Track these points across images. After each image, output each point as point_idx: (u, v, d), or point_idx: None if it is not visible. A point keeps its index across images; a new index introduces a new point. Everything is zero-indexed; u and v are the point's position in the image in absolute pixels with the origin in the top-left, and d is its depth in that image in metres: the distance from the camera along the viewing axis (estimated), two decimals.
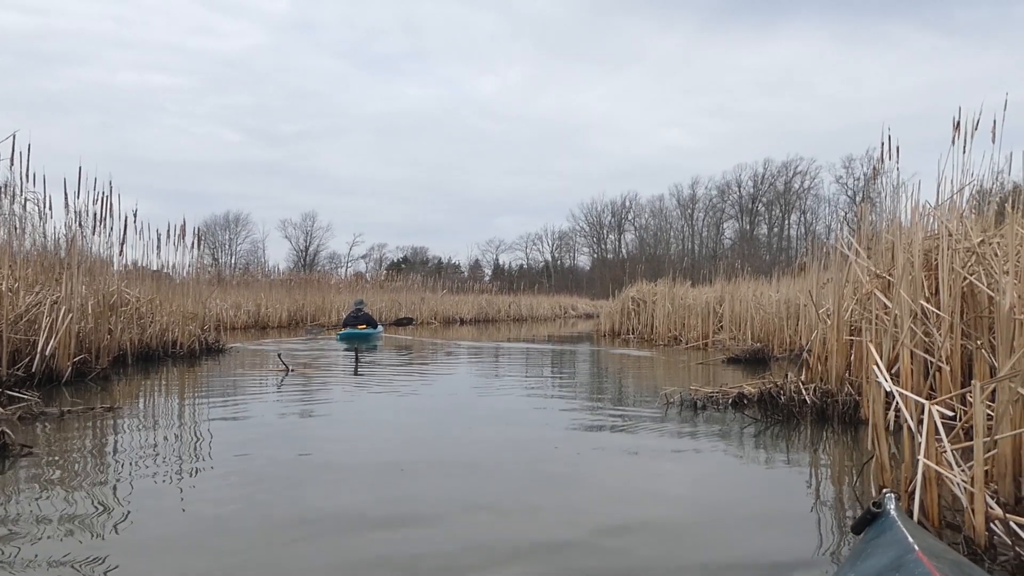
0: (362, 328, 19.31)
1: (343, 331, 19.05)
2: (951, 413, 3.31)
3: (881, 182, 9.72)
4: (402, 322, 25.09)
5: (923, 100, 73.61)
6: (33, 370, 8.00)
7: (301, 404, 7.51)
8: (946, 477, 2.97)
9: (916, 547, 1.83)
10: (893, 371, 5.62)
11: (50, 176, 10.08)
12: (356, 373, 10.41)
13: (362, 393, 8.48)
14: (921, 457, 2.99)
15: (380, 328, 21.09)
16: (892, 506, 2.19)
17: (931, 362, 5.46)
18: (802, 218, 65.09)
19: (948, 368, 5.51)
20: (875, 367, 3.63)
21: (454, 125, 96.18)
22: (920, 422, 3.17)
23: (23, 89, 76.06)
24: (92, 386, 8.36)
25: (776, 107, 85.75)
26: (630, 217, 76.32)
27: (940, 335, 5.53)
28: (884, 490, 2.33)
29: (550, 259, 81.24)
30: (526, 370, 11.83)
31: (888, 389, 3.49)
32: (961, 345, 5.75)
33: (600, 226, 77.55)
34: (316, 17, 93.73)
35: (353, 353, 12.15)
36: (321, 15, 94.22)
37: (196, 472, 4.39)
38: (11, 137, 9.16)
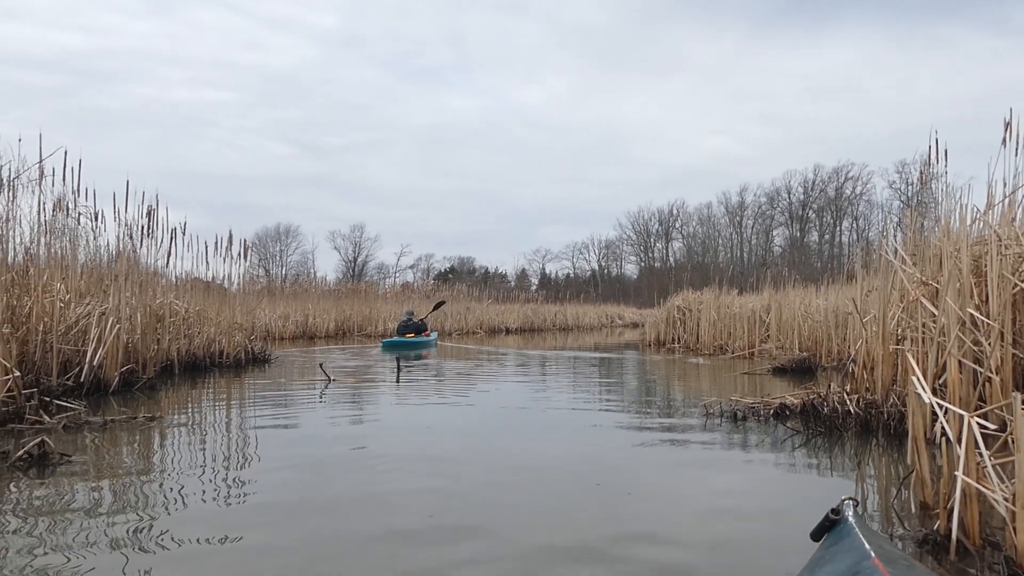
0: (410, 336, 19.64)
1: (385, 340, 19.28)
2: (993, 426, 3.17)
3: (931, 187, 9.47)
4: (438, 306, 25.34)
5: (979, 103, 71.58)
6: (82, 380, 8.18)
7: (344, 415, 7.55)
8: (986, 493, 2.84)
9: (872, 554, 1.84)
10: (941, 381, 5.45)
11: (106, 190, 10.44)
12: (398, 383, 10.44)
13: (406, 405, 8.50)
14: (959, 472, 2.87)
15: (433, 336, 21.35)
16: (850, 513, 2.19)
17: (980, 372, 5.27)
18: (854, 224, 63.85)
19: (998, 378, 5.32)
20: (914, 377, 3.51)
21: (499, 135, 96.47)
22: (960, 435, 3.04)
23: (81, 107, 78.42)
24: (139, 395, 8.52)
25: (826, 113, 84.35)
26: (678, 225, 75.71)
27: (989, 344, 5.34)
28: (843, 497, 2.29)
29: (597, 268, 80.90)
30: (571, 379, 11.76)
31: (927, 400, 3.36)
32: (1012, 354, 5.55)
33: (647, 234, 77.00)
34: (362, 31, 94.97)
35: (396, 362, 12.21)
36: (367, 28, 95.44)
37: (234, 485, 4.41)
38: (63, 153, 9.45)
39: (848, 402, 6.17)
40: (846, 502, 2.26)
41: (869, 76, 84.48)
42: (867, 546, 1.90)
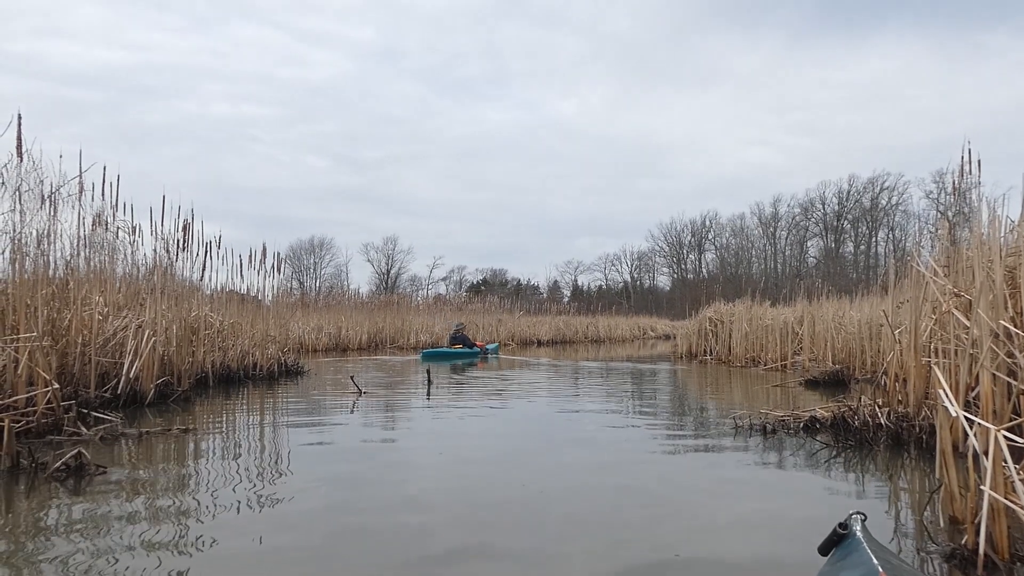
0: (457, 347, 20.64)
1: (425, 351, 19.82)
2: (1021, 440, 3.13)
3: (967, 197, 9.35)
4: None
5: (1022, 111, 70.11)
6: (118, 392, 8.34)
7: (375, 427, 7.62)
8: (1014, 508, 2.81)
9: (880, 568, 1.85)
10: (974, 395, 5.37)
11: (147, 204, 10.73)
12: (428, 396, 10.49)
13: (437, 417, 8.54)
14: (986, 486, 2.84)
15: (492, 348, 22.46)
16: (858, 527, 2.18)
17: (1015, 386, 5.19)
18: (890, 235, 62.92)
19: None
20: (941, 391, 3.47)
21: (535, 147, 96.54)
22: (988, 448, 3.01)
23: (125, 122, 79.87)
24: (174, 408, 8.66)
25: (865, 122, 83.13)
26: (710, 236, 75.29)
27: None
28: (851, 511, 2.28)
29: (629, 280, 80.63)
30: (604, 391, 11.74)
31: (954, 414, 3.33)
32: None
33: (680, 246, 76.67)
34: (400, 44, 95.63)
35: (426, 374, 12.28)
36: (405, 42, 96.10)
37: (267, 496, 4.48)
38: (102, 168, 9.67)
39: (879, 415, 6.11)
40: (853, 516, 2.25)
41: (910, 85, 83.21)
42: (875, 560, 1.90)
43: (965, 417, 3.28)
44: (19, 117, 7.33)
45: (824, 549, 2.30)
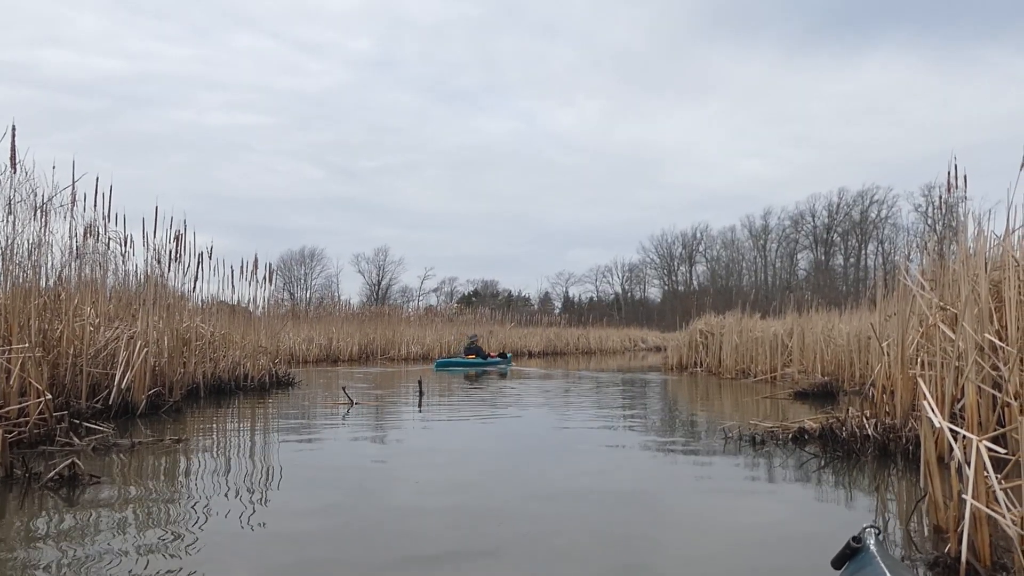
0: (471, 358, 21.29)
1: (439, 360, 20.81)
2: (1003, 451, 3.20)
3: (955, 211, 9.44)
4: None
5: (1018, 125, 70.51)
6: (110, 402, 8.33)
7: (366, 438, 7.65)
8: (994, 517, 2.87)
9: None
10: (960, 406, 5.44)
11: (141, 214, 10.78)
12: (420, 408, 10.52)
13: (428, 428, 8.58)
14: (968, 496, 2.90)
15: (502, 357, 22.88)
16: (872, 541, 2.16)
17: (999, 398, 5.26)
18: (880, 248, 63.26)
19: (1017, 404, 5.29)
20: (925, 402, 3.54)
21: (531, 158, 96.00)
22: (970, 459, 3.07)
23: (121, 131, 79.36)
24: (165, 418, 8.65)
25: (861, 135, 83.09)
26: (701, 249, 75.51)
27: (1008, 369, 5.33)
28: (864, 525, 2.28)
29: (620, 291, 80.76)
30: (595, 402, 11.78)
31: (938, 425, 3.40)
32: None
33: (670, 258, 76.82)
34: (396, 54, 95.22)
35: (418, 386, 12.30)
36: (401, 52, 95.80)
37: (259, 506, 4.50)
38: (95, 179, 9.70)
39: (867, 426, 6.17)
40: (867, 530, 2.22)
41: (906, 98, 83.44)
42: (888, 575, 1.89)
43: (949, 428, 3.34)
44: (13, 128, 7.36)
45: (837, 563, 2.27)
